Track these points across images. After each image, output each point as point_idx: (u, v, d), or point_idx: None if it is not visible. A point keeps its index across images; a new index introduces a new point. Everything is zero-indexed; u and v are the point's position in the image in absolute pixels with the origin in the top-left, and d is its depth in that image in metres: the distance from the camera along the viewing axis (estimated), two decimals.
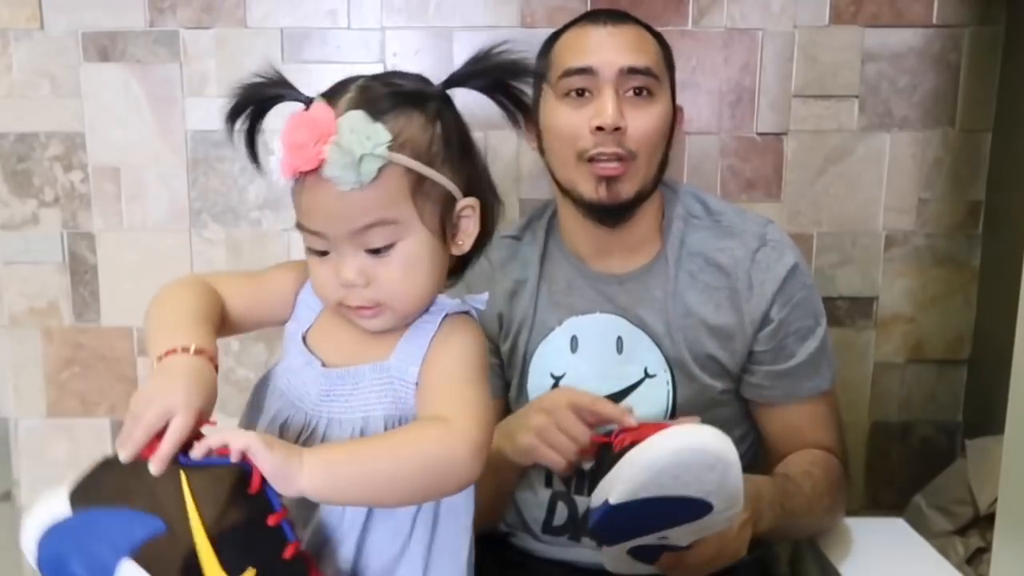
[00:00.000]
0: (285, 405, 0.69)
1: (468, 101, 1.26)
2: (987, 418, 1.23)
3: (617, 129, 0.90)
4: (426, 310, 0.67)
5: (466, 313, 0.68)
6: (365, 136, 0.60)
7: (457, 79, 0.67)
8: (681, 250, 0.97)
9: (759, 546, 1.04)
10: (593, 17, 0.97)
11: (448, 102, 0.67)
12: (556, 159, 0.96)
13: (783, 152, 1.24)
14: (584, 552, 0.99)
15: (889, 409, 1.31)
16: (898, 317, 1.29)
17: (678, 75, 1.20)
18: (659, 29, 1.20)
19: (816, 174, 1.25)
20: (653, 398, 0.95)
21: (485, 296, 0.70)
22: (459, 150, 0.66)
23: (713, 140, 1.24)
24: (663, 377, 0.95)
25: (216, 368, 0.62)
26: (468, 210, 0.66)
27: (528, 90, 0.69)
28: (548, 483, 1.03)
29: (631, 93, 0.92)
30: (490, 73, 0.66)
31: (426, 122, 0.64)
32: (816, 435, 0.99)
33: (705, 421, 0.94)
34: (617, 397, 0.95)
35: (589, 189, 0.92)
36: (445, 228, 0.65)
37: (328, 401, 0.67)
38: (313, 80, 1.24)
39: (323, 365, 0.68)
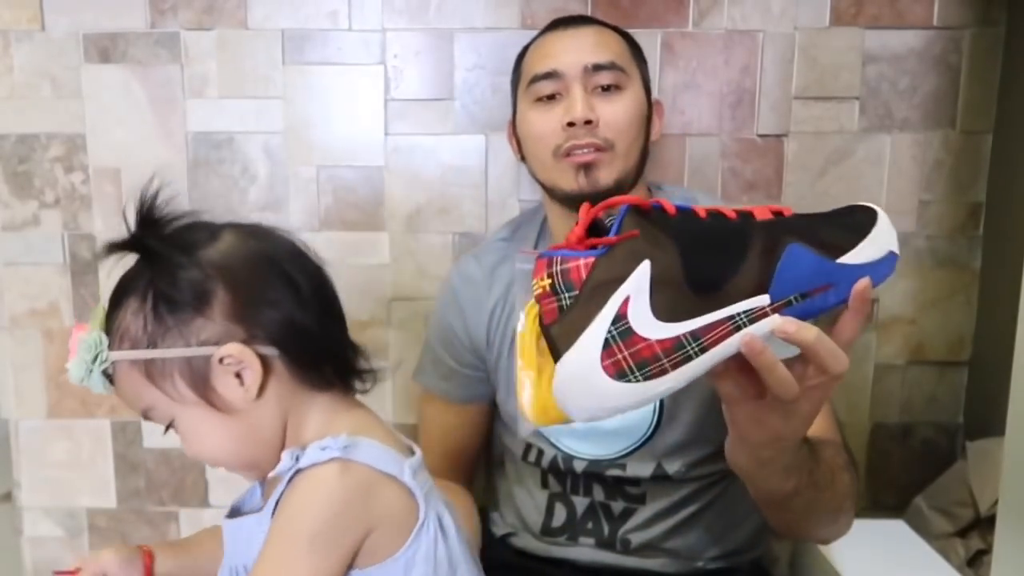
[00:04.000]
0: (223, 555, 0.71)
1: (467, 101, 1.27)
2: (988, 420, 1.23)
3: (588, 122, 0.91)
4: (296, 456, 0.62)
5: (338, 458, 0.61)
6: (89, 349, 0.62)
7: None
8: None
9: (758, 545, 1.05)
10: (555, 25, 1.00)
11: (174, 263, 0.62)
12: (535, 161, 0.98)
13: (784, 154, 1.24)
14: (584, 551, 1.00)
15: (890, 411, 1.31)
16: (899, 319, 1.29)
17: (678, 76, 1.22)
18: (660, 31, 1.21)
19: (817, 176, 1.25)
20: None
21: (372, 442, 0.64)
22: (191, 309, 0.62)
23: (714, 142, 1.24)
24: None
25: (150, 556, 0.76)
26: (229, 360, 0.62)
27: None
28: (544, 485, 1.03)
29: (599, 89, 0.93)
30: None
31: (139, 303, 0.63)
32: (817, 426, 0.93)
33: (700, 416, 0.94)
34: None
35: (569, 181, 0.93)
36: (208, 392, 0.63)
37: (231, 553, 0.69)
38: (314, 81, 1.26)
39: (227, 515, 0.71)
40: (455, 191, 1.25)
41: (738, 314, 0.52)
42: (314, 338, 0.65)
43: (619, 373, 0.52)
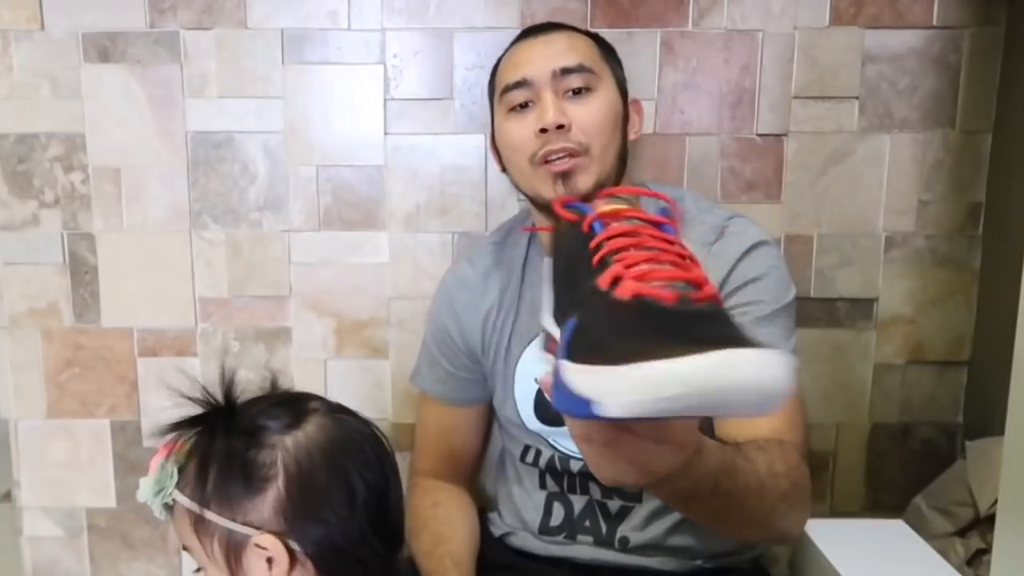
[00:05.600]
0: None
1: (467, 101, 1.27)
2: (987, 419, 1.23)
3: (561, 127, 0.91)
4: None
5: None
6: (159, 479, 0.68)
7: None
8: None
9: (758, 545, 1.05)
10: (525, 34, 1.00)
11: (251, 444, 0.67)
12: (515, 170, 0.98)
13: (783, 153, 1.24)
14: (582, 550, 1.00)
15: (889, 411, 1.31)
16: (898, 318, 1.29)
17: (678, 76, 1.22)
18: (660, 30, 1.21)
19: (816, 175, 1.25)
20: None
21: None
22: (248, 490, 0.66)
23: (713, 141, 1.24)
24: None
25: None
26: (258, 549, 0.65)
27: None
28: (543, 485, 1.03)
29: (570, 93, 0.93)
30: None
31: (210, 461, 0.67)
32: (772, 426, 0.85)
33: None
34: None
35: (548, 189, 0.93)
36: (237, 567, 0.66)
37: None
38: (313, 81, 1.26)
39: None
40: (455, 190, 1.25)
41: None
42: (349, 557, 0.68)
43: None
